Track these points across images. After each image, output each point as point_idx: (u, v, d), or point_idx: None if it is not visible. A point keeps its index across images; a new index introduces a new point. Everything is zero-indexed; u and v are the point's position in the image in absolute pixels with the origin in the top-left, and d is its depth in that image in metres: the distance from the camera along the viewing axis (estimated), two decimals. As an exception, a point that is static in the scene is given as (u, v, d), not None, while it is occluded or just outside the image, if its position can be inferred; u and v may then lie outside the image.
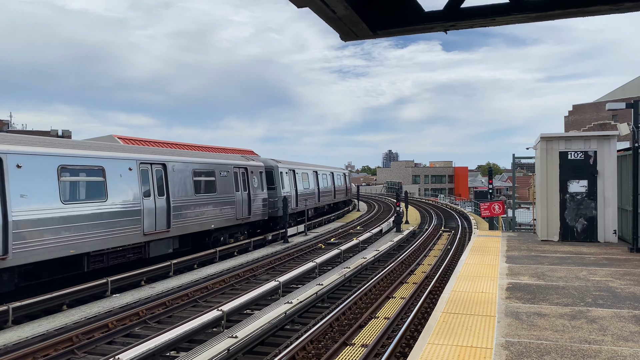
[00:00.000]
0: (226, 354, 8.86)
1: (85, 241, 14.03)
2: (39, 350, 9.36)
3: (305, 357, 9.14)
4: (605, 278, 9.54)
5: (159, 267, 16.44)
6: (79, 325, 11.06)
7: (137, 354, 8.43)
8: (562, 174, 14.40)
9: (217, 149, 36.96)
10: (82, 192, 14.48)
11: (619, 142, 15.38)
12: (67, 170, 13.82)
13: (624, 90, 58.64)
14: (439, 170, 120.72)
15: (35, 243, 12.49)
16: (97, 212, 14.51)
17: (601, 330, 6.42)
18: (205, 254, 19.21)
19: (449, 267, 17.68)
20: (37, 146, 13.18)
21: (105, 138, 28.80)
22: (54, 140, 15.09)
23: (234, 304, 11.72)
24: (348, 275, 15.96)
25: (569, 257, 12.00)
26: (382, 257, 20.40)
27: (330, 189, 40.60)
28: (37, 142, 13.53)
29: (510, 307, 7.62)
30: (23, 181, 12.34)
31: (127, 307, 12.74)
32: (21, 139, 13.21)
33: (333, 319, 11.18)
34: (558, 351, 5.69)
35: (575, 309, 7.46)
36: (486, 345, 5.96)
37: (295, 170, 31.28)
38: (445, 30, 3.12)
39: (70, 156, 13.96)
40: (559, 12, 2.87)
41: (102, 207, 14.77)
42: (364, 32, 3.12)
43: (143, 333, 10.92)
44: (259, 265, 18.39)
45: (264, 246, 23.80)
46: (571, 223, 14.44)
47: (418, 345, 6.08)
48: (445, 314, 7.30)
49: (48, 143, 14.02)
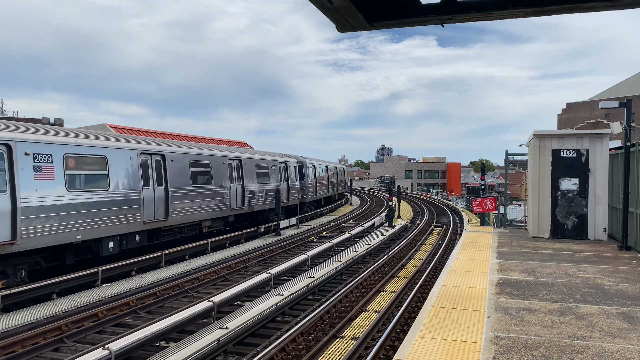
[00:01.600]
0: (216, 345, 8.86)
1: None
2: (27, 339, 9.32)
3: (295, 348, 9.16)
4: (594, 275, 9.62)
5: (150, 258, 16.41)
6: (68, 314, 11.02)
7: (127, 344, 8.42)
8: (554, 172, 14.47)
9: (210, 140, 36.85)
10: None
11: (611, 141, 15.46)
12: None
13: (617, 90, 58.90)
14: (432, 166, 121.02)
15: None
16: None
17: (589, 327, 6.47)
18: (196, 244, 19.19)
19: (440, 262, 17.76)
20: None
21: (98, 127, 28.61)
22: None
23: (225, 295, 11.72)
24: (339, 269, 15.99)
25: (559, 254, 12.09)
26: (373, 251, 20.46)
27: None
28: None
29: (500, 302, 7.67)
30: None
31: (118, 296, 12.71)
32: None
33: (324, 312, 11.21)
34: (546, 346, 5.74)
35: (564, 305, 7.52)
36: (475, 339, 5.99)
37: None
38: (441, 24, 3.10)
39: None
40: (556, 7, 2.86)
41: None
42: (360, 23, 3.10)
43: (133, 323, 10.90)
44: (250, 257, 18.39)
45: (256, 238, 23.80)
46: (562, 220, 14.53)
47: (408, 338, 6.11)
48: (436, 308, 7.34)
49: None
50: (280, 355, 8.76)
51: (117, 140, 16.20)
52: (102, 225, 14.76)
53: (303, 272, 15.72)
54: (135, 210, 16.18)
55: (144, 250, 17.54)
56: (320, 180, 38.38)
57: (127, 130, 29.46)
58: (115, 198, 15.33)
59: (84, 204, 14.12)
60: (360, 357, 8.82)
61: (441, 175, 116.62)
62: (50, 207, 13.04)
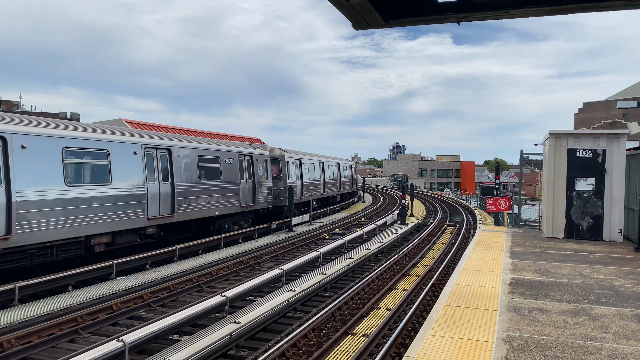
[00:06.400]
0: (229, 339, 8.94)
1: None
2: (44, 329, 9.48)
3: (306, 344, 9.21)
4: (609, 276, 9.53)
5: (163, 252, 16.56)
6: (83, 306, 11.18)
7: (141, 336, 8.53)
8: (569, 172, 14.33)
9: (224, 136, 37.02)
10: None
11: (628, 141, 15.27)
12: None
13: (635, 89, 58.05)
14: (445, 165, 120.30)
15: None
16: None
17: (603, 328, 6.43)
18: (210, 240, 19.31)
19: (452, 260, 17.70)
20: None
21: (114, 122, 28.89)
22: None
23: (238, 290, 11.81)
24: (351, 266, 16.01)
25: (573, 254, 11.98)
26: (385, 249, 20.44)
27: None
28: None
29: (512, 302, 7.64)
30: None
31: (132, 290, 12.86)
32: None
33: (335, 309, 11.25)
34: (559, 347, 5.71)
35: (578, 306, 7.47)
36: (487, 338, 5.98)
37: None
38: (458, 22, 3.11)
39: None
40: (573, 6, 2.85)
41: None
42: (376, 21, 3.12)
43: (147, 316, 11.03)
44: (263, 253, 18.48)
45: (269, 234, 23.90)
46: (577, 221, 14.39)
47: (419, 336, 6.11)
48: (448, 307, 7.33)
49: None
50: (292, 351, 8.81)
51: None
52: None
53: (315, 268, 15.76)
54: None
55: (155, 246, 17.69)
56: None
57: (143, 125, 29.69)
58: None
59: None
60: (372, 354, 8.84)
61: (455, 174, 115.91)
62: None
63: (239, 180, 22.48)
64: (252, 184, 23.72)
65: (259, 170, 24.58)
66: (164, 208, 17.26)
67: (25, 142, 12.32)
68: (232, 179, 21.85)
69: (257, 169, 24.36)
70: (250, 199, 23.57)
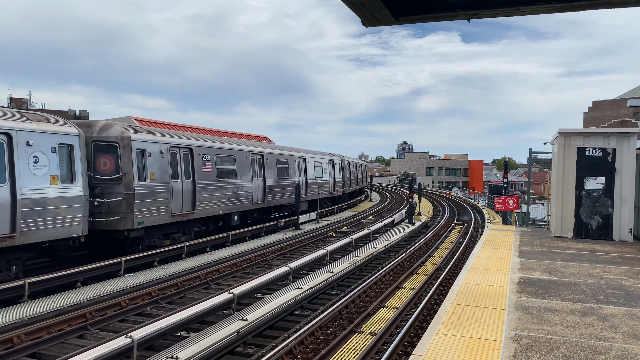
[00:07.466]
0: (236, 336, 8.97)
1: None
2: (53, 325, 9.56)
3: (313, 342, 9.22)
4: (618, 276, 9.46)
5: (171, 249, 16.64)
6: (92, 303, 11.25)
7: (149, 333, 8.57)
8: (579, 171, 14.23)
9: (233, 134, 37.11)
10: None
11: (638, 140, 15.15)
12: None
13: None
14: (453, 163, 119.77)
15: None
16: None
17: (612, 328, 6.38)
18: (217, 237, 19.39)
19: (460, 259, 17.64)
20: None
21: (123, 119, 29.02)
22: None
23: (245, 287, 11.84)
24: (358, 264, 16.00)
25: (582, 254, 11.91)
26: (393, 248, 20.41)
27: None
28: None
29: (520, 301, 7.60)
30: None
31: (140, 286, 12.92)
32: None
33: (342, 307, 11.25)
34: (568, 346, 5.68)
35: (587, 305, 7.43)
36: (495, 337, 5.96)
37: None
38: (468, 19, 3.09)
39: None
40: (585, 2, 2.83)
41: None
42: (386, 18, 3.11)
43: (155, 312, 11.09)
44: (270, 251, 18.51)
45: (276, 232, 23.93)
46: (586, 220, 14.30)
47: (427, 335, 6.10)
48: (455, 306, 7.31)
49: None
50: (299, 348, 8.82)
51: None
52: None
53: (322, 266, 15.77)
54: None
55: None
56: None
57: (152, 123, 29.79)
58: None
59: None
60: (379, 352, 8.83)
61: (463, 173, 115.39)
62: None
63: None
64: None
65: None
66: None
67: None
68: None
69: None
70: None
